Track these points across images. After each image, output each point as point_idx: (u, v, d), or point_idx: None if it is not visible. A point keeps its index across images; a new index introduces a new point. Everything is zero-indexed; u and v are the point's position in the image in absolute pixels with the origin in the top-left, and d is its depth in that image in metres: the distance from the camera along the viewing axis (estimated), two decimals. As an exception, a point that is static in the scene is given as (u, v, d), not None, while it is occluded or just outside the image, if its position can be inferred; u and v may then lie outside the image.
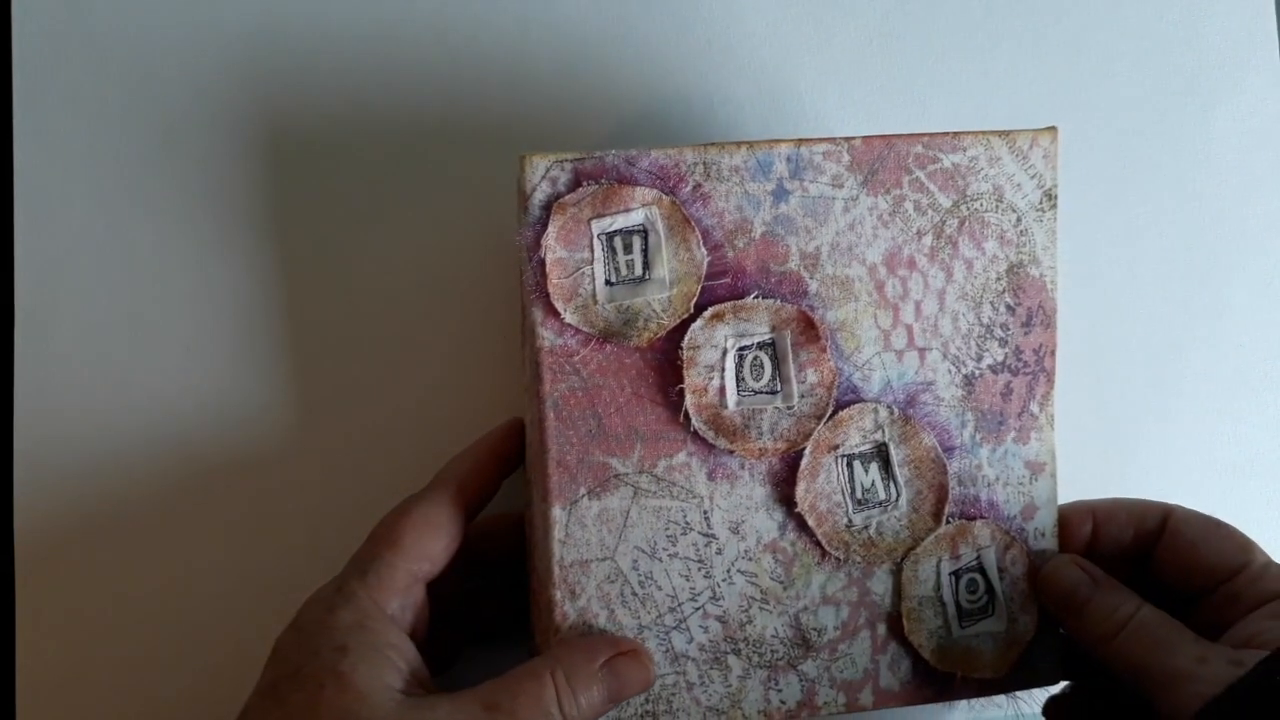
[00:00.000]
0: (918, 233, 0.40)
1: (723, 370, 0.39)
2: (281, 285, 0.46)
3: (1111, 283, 0.50)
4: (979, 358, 0.41)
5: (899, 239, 0.40)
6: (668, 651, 0.39)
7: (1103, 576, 0.40)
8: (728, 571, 0.40)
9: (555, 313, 0.38)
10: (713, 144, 0.39)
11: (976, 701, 0.43)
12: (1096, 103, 0.50)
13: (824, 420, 0.39)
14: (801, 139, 0.39)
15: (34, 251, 0.45)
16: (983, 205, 0.40)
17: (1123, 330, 0.50)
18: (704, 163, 0.39)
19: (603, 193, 0.38)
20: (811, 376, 0.39)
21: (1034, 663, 0.42)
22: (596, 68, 0.48)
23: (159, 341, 0.45)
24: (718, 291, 0.39)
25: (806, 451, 0.39)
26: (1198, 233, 0.51)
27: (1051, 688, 0.43)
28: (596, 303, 0.38)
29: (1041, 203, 0.41)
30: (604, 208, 0.38)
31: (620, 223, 0.38)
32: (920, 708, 0.43)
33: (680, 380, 0.39)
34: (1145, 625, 0.38)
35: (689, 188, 0.39)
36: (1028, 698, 0.42)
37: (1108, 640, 0.38)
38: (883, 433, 0.40)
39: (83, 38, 0.46)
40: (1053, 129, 0.41)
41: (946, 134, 0.40)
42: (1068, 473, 0.42)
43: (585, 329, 0.38)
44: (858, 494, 0.40)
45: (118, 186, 0.45)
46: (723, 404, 0.39)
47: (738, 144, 0.39)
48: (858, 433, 0.40)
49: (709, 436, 0.39)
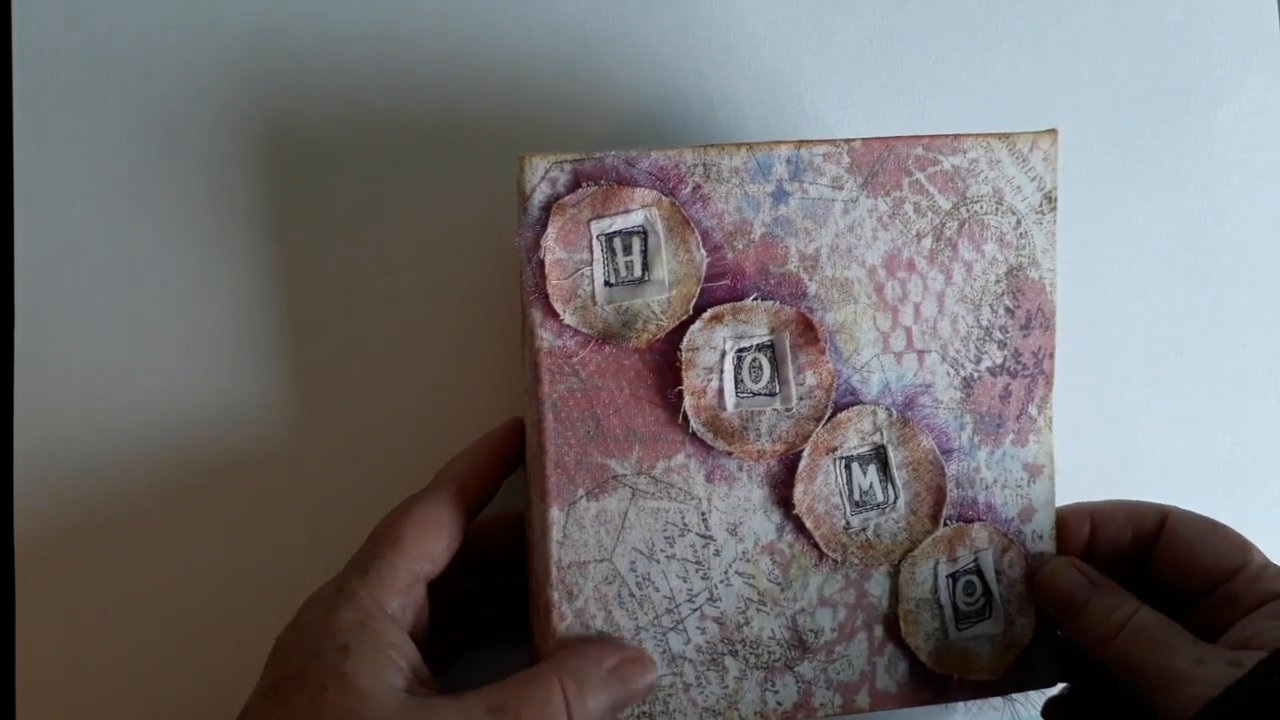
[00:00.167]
0: (917, 235, 0.40)
1: (721, 372, 0.39)
2: (281, 285, 0.46)
3: (1111, 283, 0.50)
4: (978, 360, 0.41)
5: (898, 241, 0.40)
6: (665, 652, 0.39)
7: (1100, 578, 0.40)
8: (725, 573, 0.40)
9: (554, 314, 0.38)
10: (712, 145, 0.39)
11: (974, 704, 0.43)
12: (1096, 103, 0.50)
13: (822, 422, 0.39)
14: (801, 141, 0.39)
15: (34, 251, 0.45)
16: (982, 207, 0.40)
17: (1123, 331, 0.50)
18: (704, 164, 0.39)
19: (602, 194, 0.38)
20: (810, 378, 0.39)
21: (1031, 665, 0.42)
22: (596, 68, 0.47)
23: (159, 341, 0.45)
24: (717, 293, 0.39)
25: (805, 453, 0.39)
26: (1198, 233, 0.51)
27: (1049, 690, 0.43)
28: (595, 304, 0.38)
29: (1041, 205, 0.41)
30: (603, 209, 0.38)
31: (620, 224, 0.38)
32: (917, 710, 0.43)
33: (679, 382, 0.39)
34: (1143, 627, 0.38)
35: (688, 189, 0.39)
36: (1025, 700, 0.42)
37: (1106, 642, 0.38)
38: (881, 435, 0.40)
39: (83, 38, 0.46)
40: (1053, 131, 0.41)
41: (946, 136, 0.40)
42: (1066, 474, 0.42)
43: (584, 330, 0.38)
44: (856, 496, 0.40)
45: (118, 186, 0.45)
46: (721, 406, 0.39)
47: (737, 145, 0.39)
48: (856, 435, 0.40)
49: (707, 438, 0.39)
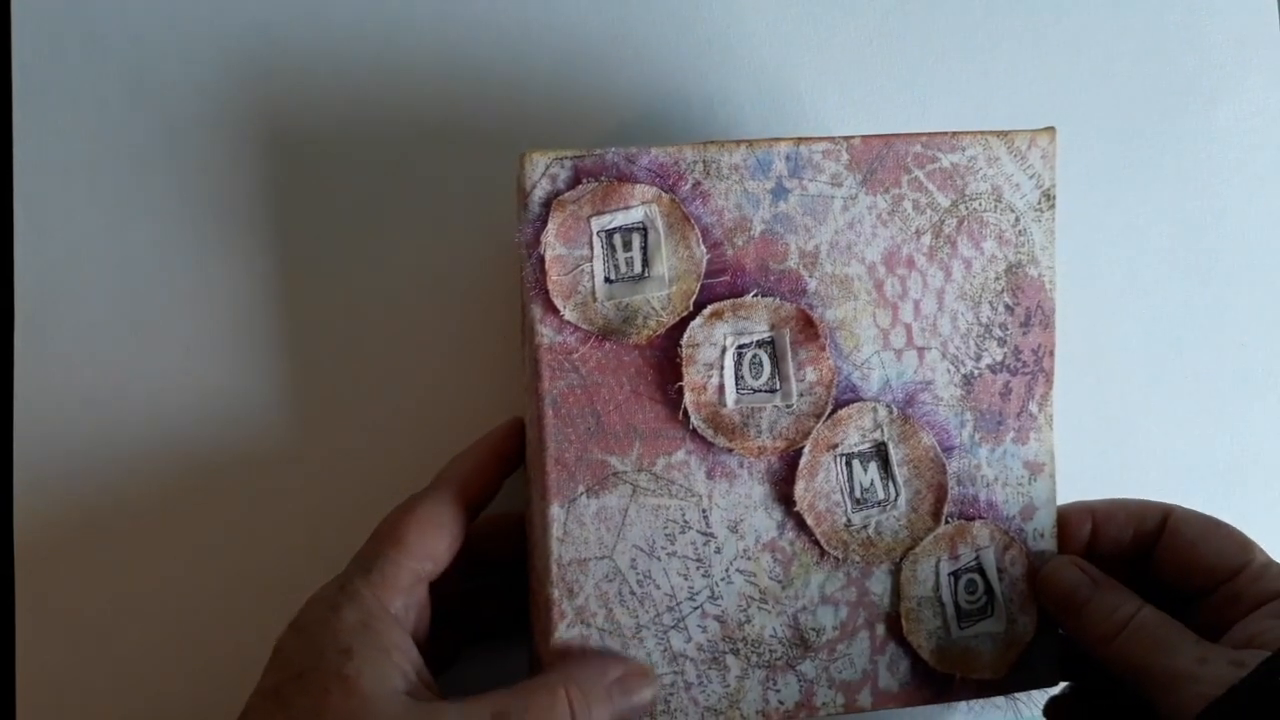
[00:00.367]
0: (916, 232, 0.40)
1: (722, 368, 0.39)
2: (281, 285, 0.46)
3: (1111, 283, 0.50)
4: (978, 357, 0.41)
5: (898, 238, 0.40)
6: (666, 651, 0.39)
7: (1102, 577, 0.40)
8: (726, 571, 0.39)
9: (554, 310, 0.38)
10: (712, 142, 0.39)
11: (976, 703, 0.43)
12: (1096, 102, 0.50)
13: (823, 419, 0.39)
14: (801, 138, 0.39)
15: (34, 251, 0.45)
16: (981, 205, 0.40)
17: (1123, 330, 0.50)
18: (703, 161, 0.39)
19: (602, 190, 0.38)
20: (810, 375, 0.39)
21: (1033, 664, 0.42)
22: (596, 68, 0.48)
23: (159, 341, 0.45)
24: (717, 289, 0.39)
25: (805, 450, 0.39)
26: (1198, 233, 0.51)
27: (1051, 689, 0.42)
28: (596, 300, 0.38)
29: (1040, 203, 0.41)
30: (603, 205, 0.38)
31: (620, 220, 0.38)
32: (919, 709, 0.43)
33: (679, 378, 0.38)
34: (1145, 626, 0.37)
35: (688, 185, 0.39)
36: (1026, 699, 0.42)
37: (1108, 641, 0.38)
38: (882, 432, 0.40)
39: (83, 38, 0.46)
40: (1050, 129, 0.41)
41: (945, 134, 0.40)
42: (1067, 473, 0.42)
43: (584, 326, 0.38)
44: (856, 493, 0.40)
45: (118, 186, 0.45)
46: (722, 402, 0.39)
47: (737, 142, 0.39)
48: (857, 432, 0.40)
49: (708, 435, 0.39)
